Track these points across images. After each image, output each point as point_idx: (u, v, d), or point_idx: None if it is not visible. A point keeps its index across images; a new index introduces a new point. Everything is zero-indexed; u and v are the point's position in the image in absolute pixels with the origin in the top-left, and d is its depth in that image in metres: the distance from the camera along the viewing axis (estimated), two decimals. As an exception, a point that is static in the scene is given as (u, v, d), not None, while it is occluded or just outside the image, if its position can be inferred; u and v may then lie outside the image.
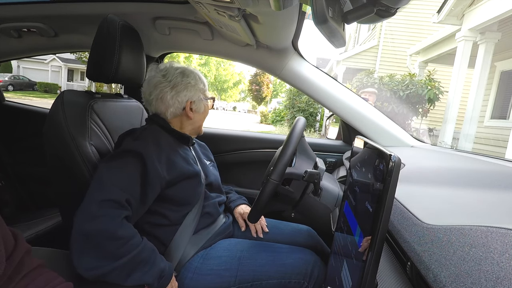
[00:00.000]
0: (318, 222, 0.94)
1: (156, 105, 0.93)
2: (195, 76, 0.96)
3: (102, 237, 0.65)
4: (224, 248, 0.92)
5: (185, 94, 0.93)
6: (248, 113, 25.56)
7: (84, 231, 0.64)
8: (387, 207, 0.38)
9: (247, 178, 1.56)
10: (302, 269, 0.86)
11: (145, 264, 0.70)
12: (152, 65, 0.97)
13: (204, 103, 0.98)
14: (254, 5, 0.71)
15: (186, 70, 0.95)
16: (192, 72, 0.96)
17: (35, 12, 1.19)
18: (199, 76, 0.98)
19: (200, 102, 0.96)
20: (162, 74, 0.93)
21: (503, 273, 0.33)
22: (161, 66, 0.96)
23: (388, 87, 6.15)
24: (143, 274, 0.69)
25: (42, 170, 1.63)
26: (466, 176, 0.73)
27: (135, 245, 0.69)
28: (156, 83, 0.92)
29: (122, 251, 0.66)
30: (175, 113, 0.94)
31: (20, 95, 14.63)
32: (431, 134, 7.04)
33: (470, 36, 5.37)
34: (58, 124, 0.83)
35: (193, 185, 0.90)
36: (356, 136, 0.67)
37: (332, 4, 0.48)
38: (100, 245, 0.65)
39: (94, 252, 0.65)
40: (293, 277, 0.85)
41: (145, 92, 0.95)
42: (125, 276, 0.67)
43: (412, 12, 8.78)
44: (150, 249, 0.73)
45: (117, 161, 0.77)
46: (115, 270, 0.65)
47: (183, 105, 0.93)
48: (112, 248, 0.65)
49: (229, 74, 24.80)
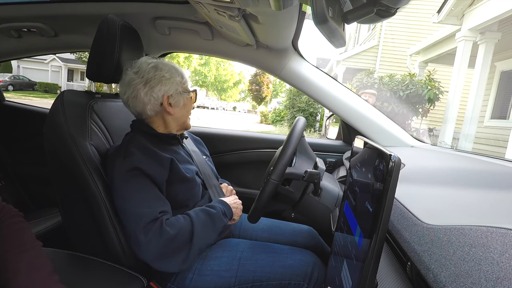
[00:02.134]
0: (318, 222, 0.94)
1: (133, 105, 0.89)
2: (170, 69, 0.91)
3: (166, 248, 0.75)
4: (224, 249, 0.92)
5: (160, 89, 0.88)
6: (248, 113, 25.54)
7: (151, 256, 0.75)
8: (387, 207, 0.38)
9: (247, 178, 1.56)
10: (302, 271, 0.86)
11: (207, 224, 0.82)
12: (126, 64, 0.92)
13: (184, 96, 0.93)
14: (254, 5, 0.71)
15: (159, 64, 0.90)
16: (166, 65, 0.91)
17: (35, 12, 1.19)
18: (175, 68, 0.92)
19: (179, 95, 0.91)
20: (134, 71, 0.88)
21: (503, 273, 0.33)
22: (134, 63, 0.91)
23: (388, 87, 6.15)
24: (213, 228, 0.84)
25: (42, 170, 1.63)
26: (466, 176, 0.73)
27: (188, 225, 0.80)
28: (129, 81, 0.88)
29: (186, 237, 0.78)
30: (155, 110, 0.89)
31: (20, 95, 14.62)
32: (431, 134, 7.04)
33: (470, 36, 5.37)
34: (58, 124, 0.83)
35: (189, 187, 0.90)
36: (356, 136, 0.67)
37: (332, 4, 0.48)
38: (171, 251, 0.76)
39: (172, 257, 0.77)
40: (293, 278, 0.84)
41: (120, 92, 0.91)
42: (207, 239, 0.82)
43: (412, 12, 8.77)
44: (199, 213, 0.84)
45: (126, 186, 0.79)
46: (195, 247, 0.79)
47: (160, 100, 0.89)
48: (179, 244, 0.77)
49: (229, 74, 24.80)
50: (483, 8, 4.89)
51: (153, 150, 0.84)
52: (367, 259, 0.40)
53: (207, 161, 1.09)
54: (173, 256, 0.76)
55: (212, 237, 0.84)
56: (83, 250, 0.90)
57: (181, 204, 0.88)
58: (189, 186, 0.90)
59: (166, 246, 0.75)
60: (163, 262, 0.76)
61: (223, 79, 24.47)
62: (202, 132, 1.50)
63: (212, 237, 0.85)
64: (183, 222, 0.79)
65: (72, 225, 0.94)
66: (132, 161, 0.80)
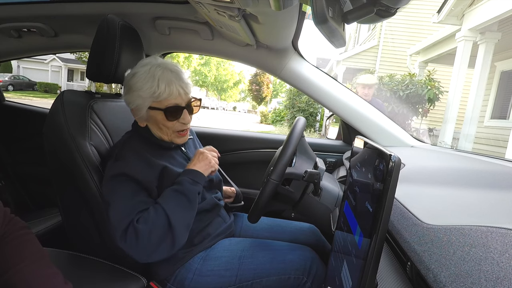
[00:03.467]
0: (318, 222, 0.94)
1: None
2: (143, 79, 0.80)
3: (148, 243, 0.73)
4: (225, 248, 0.92)
5: (129, 100, 0.83)
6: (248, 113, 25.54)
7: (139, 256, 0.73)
8: (387, 207, 0.38)
9: (247, 178, 1.56)
10: (301, 265, 0.86)
11: (179, 201, 0.79)
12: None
13: (151, 113, 0.83)
14: (254, 5, 0.71)
15: (138, 72, 0.82)
16: (144, 73, 0.81)
17: (35, 12, 1.19)
18: (153, 74, 0.80)
19: (141, 111, 0.83)
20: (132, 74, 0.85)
21: (503, 273, 0.33)
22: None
23: (388, 87, 6.15)
24: (188, 202, 0.80)
25: (42, 170, 1.63)
26: (466, 176, 0.73)
27: (160, 213, 0.76)
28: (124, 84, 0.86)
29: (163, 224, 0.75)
30: (141, 117, 0.85)
31: (20, 95, 14.62)
32: (431, 134, 7.05)
33: (470, 36, 5.37)
34: (58, 124, 0.83)
35: None
36: (356, 136, 0.67)
37: (332, 4, 0.48)
38: (155, 243, 0.74)
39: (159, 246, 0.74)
40: (292, 273, 0.85)
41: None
42: (186, 215, 0.79)
43: (412, 12, 8.78)
44: (167, 195, 0.80)
45: (110, 190, 0.78)
46: (178, 228, 0.76)
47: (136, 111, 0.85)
48: (159, 233, 0.74)
49: (229, 74, 24.80)
50: (483, 8, 4.89)
51: (144, 155, 0.82)
52: (367, 259, 0.40)
53: None
54: (159, 245, 0.74)
55: (191, 211, 0.80)
56: (83, 250, 0.90)
57: None
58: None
59: (148, 242, 0.73)
60: (154, 254, 0.74)
61: (223, 79, 24.46)
62: (202, 132, 1.50)
63: (192, 210, 0.81)
64: (153, 213, 0.76)
65: (72, 225, 0.94)
66: (120, 166, 0.78)
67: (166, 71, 0.82)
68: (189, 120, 0.88)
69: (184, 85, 0.84)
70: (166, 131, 0.87)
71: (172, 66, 0.85)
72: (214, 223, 0.97)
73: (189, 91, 0.87)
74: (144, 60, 0.86)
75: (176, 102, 0.83)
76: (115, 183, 0.78)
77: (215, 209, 0.98)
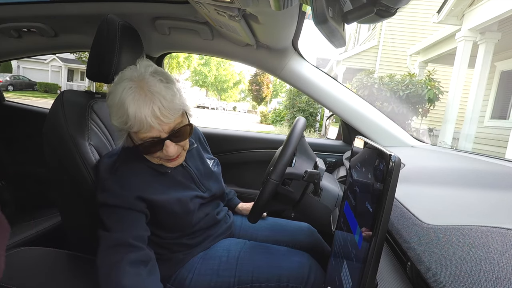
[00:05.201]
0: (318, 222, 0.94)
1: None
2: (116, 101, 0.68)
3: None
4: (224, 248, 0.92)
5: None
6: (248, 113, 25.55)
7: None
8: (387, 207, 0.38)
9: (247, 178, 1.56)
10: (299, 273, 0.85)
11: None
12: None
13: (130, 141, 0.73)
14: (254, 5, 0.71)
15: (112, 92, 0.70)
16: (115, 95, 0.68)
17: (35, 12, 1.19)
18: (123, 99, 0.66)
19: (123, 137, 0.73)
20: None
21: (503, 273, 0.33)
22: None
23: (388, 87, 6.15)
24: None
25: (42, 170, 1.63)
26: (466, 176, 0.73)
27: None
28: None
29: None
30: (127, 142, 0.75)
31: (20, 95, 14.62)
32: (431, 134, 7.05)
33: (470, 36, 5.37)
34: (57, 124, 0.83)
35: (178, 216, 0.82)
36: (356, 136, 0.67)
37: (332, 4, 0.48)
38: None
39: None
40: (290, 281, 0.84)
41: None
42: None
43: (412, 12, 8.78)
44: None
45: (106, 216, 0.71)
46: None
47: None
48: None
49: (229, 74, 24.82)
50: (483, 8, 4.89)
51: (140, 176, 0.76)
52: (367, 259, 0.40)
53: (213, 167, 1.00)
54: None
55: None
56: (83, 250, 0.90)
57: (173, 229, 0.84)
58: (178, 215, 0.81)
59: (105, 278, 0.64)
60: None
61: (223, 79, 24.48)
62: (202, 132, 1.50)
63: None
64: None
65: (71, 225, 0.94)
66: (111, 197, 0.71)
67: (138, 92, 0.67)
68: (173, 151, 0.73)
69: (160, 112, 0.67)
70: (153, 159, 0.77)
71: (150, 84, 0.69)
72: (214, 226, 0.97)
73: (170, 117, 0.69)
74: (125, 71, 0.73)
75: (151, 135, 0.70)
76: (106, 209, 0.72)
77: (215, 224, 0.97)
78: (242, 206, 1.18)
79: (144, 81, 0.69)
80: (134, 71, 0.72)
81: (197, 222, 0.88)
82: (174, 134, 0.73)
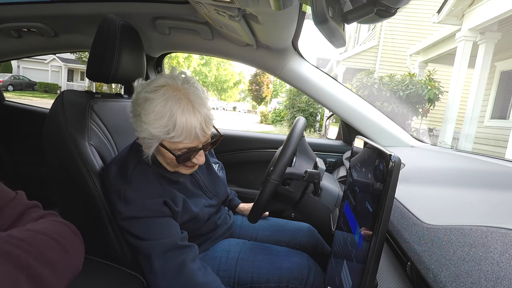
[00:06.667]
0: (318, 222, 0.94)
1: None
2: (159, 110, 0.66)
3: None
4: (224, 249, 0.92)
5: (135, 127, 0.72)
6: (248, 113, 25.54)
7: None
8: (387, 207, 0.38)
9: (247, 178, 1.56)
10: (299, 274, 0.86)
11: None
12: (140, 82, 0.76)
13: (160, 149, 0.71)
14: (254, 5, 0.71)
15: (152, 99, 0.67)
16: (158, 103, 0.66)
17: (35, 12, 1.19)
18: (170, 108, 0.65)
19: (153, 147, 0.70)
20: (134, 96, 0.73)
21: (503, 273, 0.33)
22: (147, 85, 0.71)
23: (388, 87, 6.15)
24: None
25: (42, 170, 1.63)
26: (466, 176, 0.73)
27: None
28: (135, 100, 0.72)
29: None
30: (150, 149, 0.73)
31: (20, 95, 14.63)
32: (431, 134, 7.05)
33: (470, 36, 5.37)
34: (57, 124, 0.83)
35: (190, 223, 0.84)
36: (356, 136, 0.67)
37: (332, 4, 0.48)
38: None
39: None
40: (290, 281, 0.84)
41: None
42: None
43: (412, 12, 8.78)
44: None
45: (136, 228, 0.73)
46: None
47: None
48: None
49: (229, 74, 24.81)
50: (483, 8, 4.89)
51: (156, 183, 0.76)
52: (367, 259, 0.40)
53: (218, 172, 1.00)
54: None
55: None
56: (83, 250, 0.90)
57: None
58: (191, 222, 0.83)
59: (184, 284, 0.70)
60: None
61: (223, 79, 24.47)
62: None
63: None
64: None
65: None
66: (132, 211, 0.72)
67: (185, 103, 0.66)
68: (203, 160, 0.75)
69: (206, 122, 0.69)
70: (170, 166, 0.78)
71: (195, 95, 0.69)
72: (215, 229, 0.97)
73: (211, 128, 0.72)
74: (161, 78, 0.71)
75: (191, 146, 0.70)
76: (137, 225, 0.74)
77: (216, 228, 0.97)
78: (243, 207, 1.18)
79: (189, 92, 0.69)
80: (171, 79, 0.71)
81: (200, 228, 0.89)
82: (207, 144, 0.75)
